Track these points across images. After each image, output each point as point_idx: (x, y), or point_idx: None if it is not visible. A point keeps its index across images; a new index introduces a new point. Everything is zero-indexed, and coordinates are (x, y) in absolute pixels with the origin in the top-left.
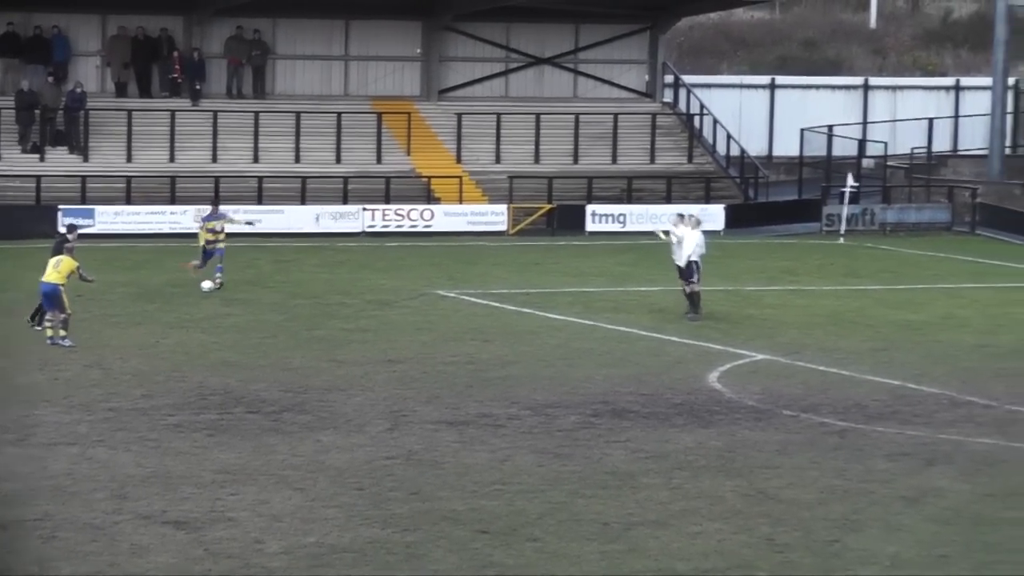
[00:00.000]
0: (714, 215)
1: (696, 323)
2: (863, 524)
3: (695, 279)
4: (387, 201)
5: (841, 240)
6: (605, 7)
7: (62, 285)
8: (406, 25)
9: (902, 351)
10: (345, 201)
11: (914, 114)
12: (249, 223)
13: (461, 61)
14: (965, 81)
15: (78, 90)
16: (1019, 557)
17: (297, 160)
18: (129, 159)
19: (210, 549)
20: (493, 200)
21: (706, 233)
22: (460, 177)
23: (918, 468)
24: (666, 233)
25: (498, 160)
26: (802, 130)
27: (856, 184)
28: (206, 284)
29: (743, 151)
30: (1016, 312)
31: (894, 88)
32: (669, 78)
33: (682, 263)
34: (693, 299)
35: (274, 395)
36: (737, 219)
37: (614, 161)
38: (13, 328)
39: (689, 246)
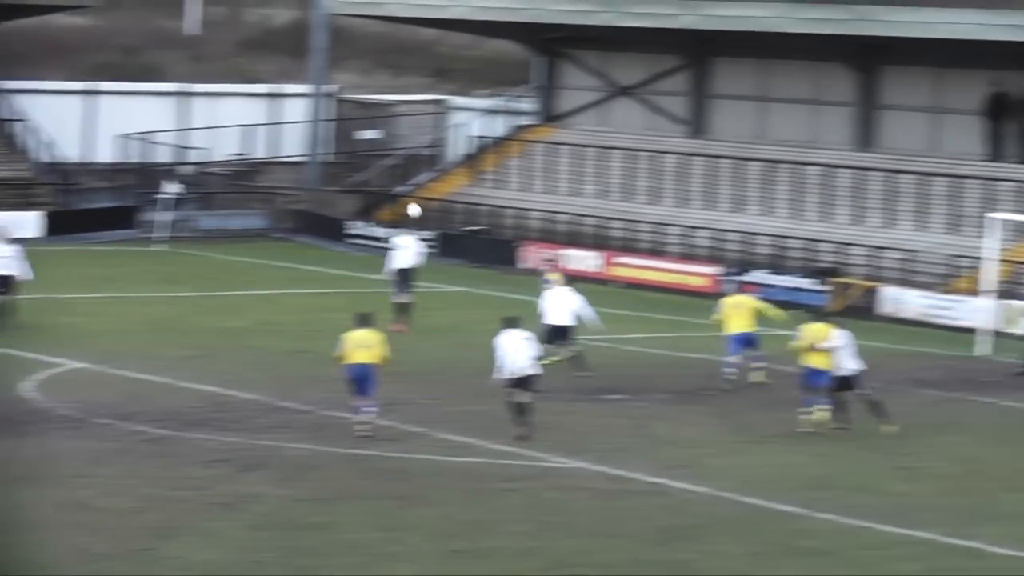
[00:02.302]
0: (31, 222)
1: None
2: (178, 531)
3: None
4: None
5: (159, 247)
6: None
7: None
8: None
9: (220, 358)
10: None
11: (234, 121)
12: None
13: None
14: (285, 88)
15: None
16: (332, 560)
17: None
18: None
19: None
20: None
21: (23, 240)
22: None
23: (233, 474)
24: None
25: None
26: (120, 136)
27: (177, 190)
28: None
29: (60, 157)
30: (332, 317)
31: (214, 95)
32: None
33: None
34: None
35: None
36: (56, 226)
37: None
38: None
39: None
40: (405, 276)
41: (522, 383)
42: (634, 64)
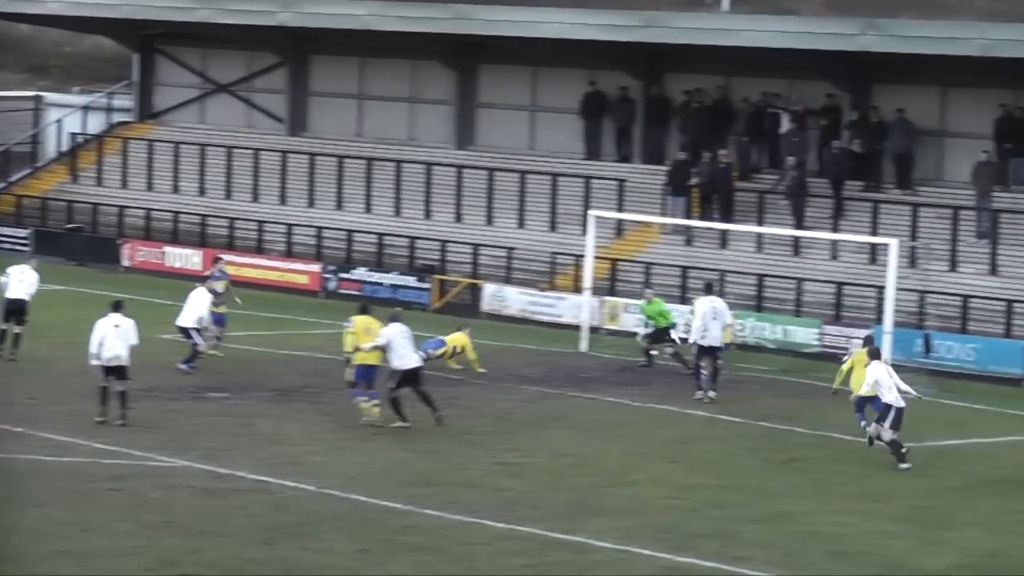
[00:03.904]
0: None
1: None
2: None
3: None
4: None
5: None
6: None
7: None
8: None
9: None
10: None
11: None
12: None
13: None
14: None
15: None
16: None
17: None
18: None
19: None
20: None
21: None
22: None
23: None
24: None
25: None
26: None
27: None
28: None
29: None
30: None
31: None
32: None
33: None
34: None
35: None
36: None
37: None
38: None
39: None
40: (18, 308)
41: (113, 372)
42: (232, 61)
